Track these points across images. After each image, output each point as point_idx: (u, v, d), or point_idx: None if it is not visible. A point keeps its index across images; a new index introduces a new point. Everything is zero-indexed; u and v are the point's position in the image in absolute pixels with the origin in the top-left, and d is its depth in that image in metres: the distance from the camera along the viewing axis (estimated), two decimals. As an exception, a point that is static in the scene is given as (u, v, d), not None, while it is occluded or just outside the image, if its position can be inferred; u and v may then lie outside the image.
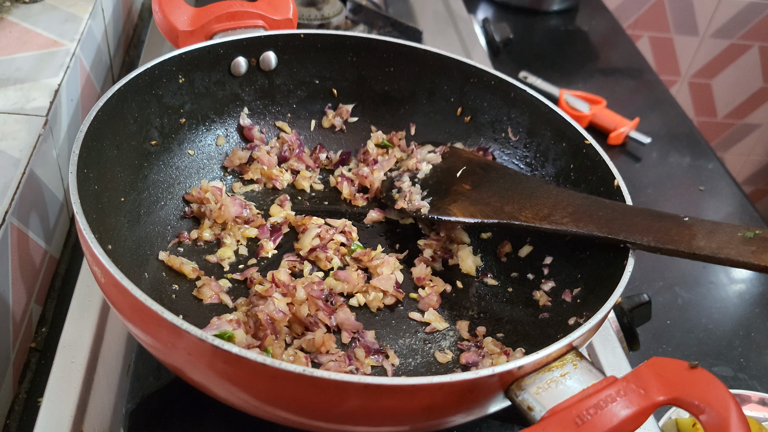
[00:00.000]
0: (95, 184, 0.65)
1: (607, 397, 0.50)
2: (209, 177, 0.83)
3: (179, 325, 0.49)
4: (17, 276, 0.77)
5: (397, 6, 1.44)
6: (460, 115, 0.89)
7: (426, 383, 0.49)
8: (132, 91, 0.73)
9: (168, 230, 0.77)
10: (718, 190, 1.32)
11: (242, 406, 0.56)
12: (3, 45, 0.95)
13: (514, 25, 1.60)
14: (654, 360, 0.52)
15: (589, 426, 0.48)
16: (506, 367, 0.51)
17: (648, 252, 0.65)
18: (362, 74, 0.89)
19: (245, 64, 0.83)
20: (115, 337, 0.74)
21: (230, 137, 0.86)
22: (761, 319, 1.08)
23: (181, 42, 0.82)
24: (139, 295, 0.51)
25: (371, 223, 0.84)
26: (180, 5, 0.82)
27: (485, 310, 0.76)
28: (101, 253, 0.54)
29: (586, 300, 0.69)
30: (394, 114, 0.92)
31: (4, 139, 0.81)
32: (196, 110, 0.82)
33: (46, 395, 0.67)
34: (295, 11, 0.88)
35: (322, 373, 0.48)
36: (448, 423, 0.56)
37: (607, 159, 0.76)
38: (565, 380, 0.53)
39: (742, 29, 2.29)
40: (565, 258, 0.75)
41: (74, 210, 0.57)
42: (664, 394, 0.50)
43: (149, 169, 0.77)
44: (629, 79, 1.62)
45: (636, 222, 0.67)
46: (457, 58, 0.86)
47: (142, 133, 0.75)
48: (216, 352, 0.49)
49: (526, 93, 0.83)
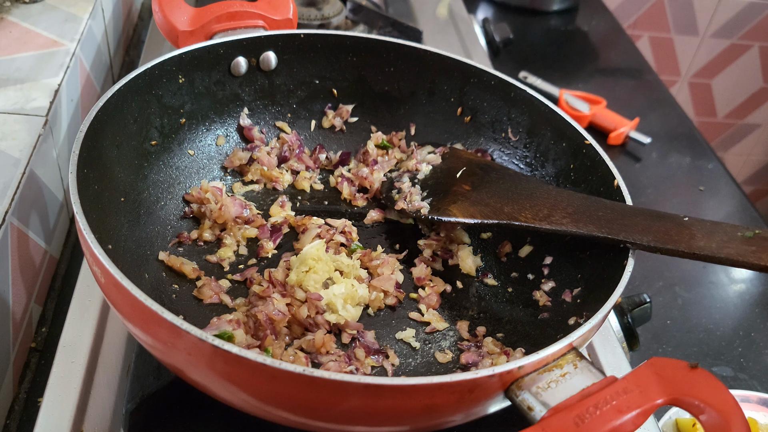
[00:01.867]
0: (95, 184, 0.65)
1: (607, 397, 0.50)
2: (209, 177, 0.83)
3: (179, 325, 0.49)
4: (17, 276, 0.77)
5: (397, 6, 1.44)
6: (460, 115, 0.89)
7: (426, 383, 0.49)
8: (132, 91, 0.73)
9: (168, 230, 0.77)
10: (718, 190, 1.32)
11: (242, 406, 0.56)
12: (3, 45, 0.95)
13: (514, 25, 1.60)
14: (654, 360, 0.52)
15: (588, 426, 0.48)
16: (506, 367, 0.51)
17: (648, 252, 0.65)
18: (362, 74, 0.89)
19: (245, 64, 0.83)
20: (115, 337, 0.74)
21: (230, 137, 0.86)
22: (761, 319, 1.08)
23: (181, 42, 0.82)
24: (139, 295, 0.51)
25: (371, 224, 0.84)
26: (180, 5, 0.82)
27: (485, 310, 0.76)
28: (101, 253, 0.54)
29: (586, 300, 0.69)
30: (394, 114, 0.92)
31: (4, 139, 0.81)
32: (196, 110, 0.82)
33: (46, 395, 0.67)
34: (295, 11, 0.88)
35: (322, 373, 0.48)
36: (448, 423, 0.56)
37: (607, 159, 0.76)
38: (565, 380, 0.53)
39: (742, 29, 2.29)
40: (565, 258, 0.75)
41: (74, 210, 0.57)
42: (664, 394, 0.50)
43: (149, 169, 0.77)
44: (629, 79, 1.62)
45: (636, 222, 0.67)
46: (457, 58, 0.86)
47: (142, 133, 0.75)
48: (216, 352, 0.49)
49: (526, 93, 0.83)
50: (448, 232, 0.83)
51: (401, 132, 0.91)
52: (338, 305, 0.70)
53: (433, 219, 0.78)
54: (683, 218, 0.66)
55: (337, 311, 0.70)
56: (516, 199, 0.76)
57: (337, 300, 0.70)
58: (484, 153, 0.88)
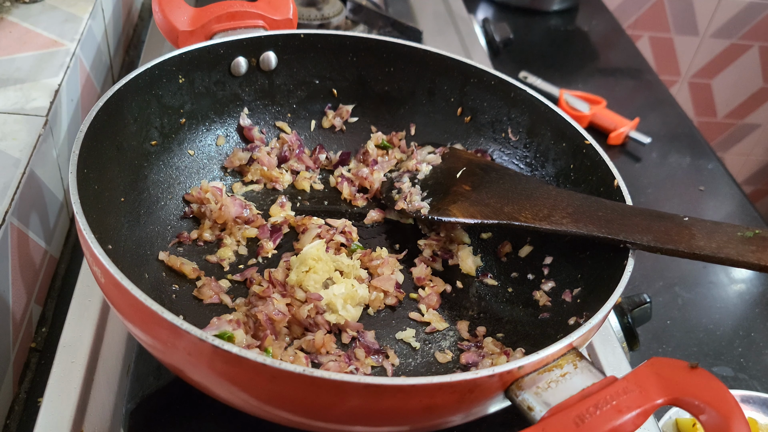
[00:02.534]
0: (95, 184, 0.65)
1: (607, 397, 0.50)
2: (209, 177, 0.83)
3: (179, 325, 0.49)
4: (17, 276, 0.77)
5: (397, 6, 1.44)
6: (460, 115, 0.89)
7: (426, 383, 0.49)
8: (132, 91, 0.73)
9: (168, 230, 0.77)
10: (718, 190, 1.32)
11: (242, 406, 0.56)
12: (3, 45, 0.95)
13: (514, 25, 1.60)
14: (654, 360, 0.52)
15: (589, 426, 0.48)
16: (506, 367, 0.51)
17: (648, 252, 0.65)
18: (362, 74, 0.89)
19: (245, 64, 0.83)
20: (115, 337, 0.74)
21: (230, 137, 0.86)
22: (761, 319, 1.08)
23: (181, 42, 0.82)
24: (140, 295, 0.51)
25: (371, 224, 0.84)
26: (180, 5, 0.82)
27: (485, 310, 0.76)
28: (101, 253, 0.54)
29: (586, 300, 0.69)
30: (394, 114, 0.92)
31: (4, 139, 0.81)
32: (196, 110, 0.82)
33: (46, 395, 0.67)
34: (295, 11, 0.88)
35: (322, 373, 0.48)
36: (448, 423, 0.56)
37: (606, 159, 0.76)
38: (565, 380, 0.53)
39: (742, 29, 2.29)
40: (565, 258, 0.75)
41: (74, 210, 0.57)
42: (665, 394, 0.50)
43: (149, 169, 0.77)
44: (629, 79, 1.62)
45: (635, 222, 0.67)
46: (457, 58, 0.86)
47: (142, 133, 0.75)
48: (216, 352, 0.49)
49: (526, 93, 0.84)
50: (448, 232, 0.83)
51: (401, 132, 0.91)
52: (338, 305, 0.70)
53: (433, 219, 0.78)
54: (683, 218, 0.66)
55: (337, 311, 0.70)
56: (516, 200, 0.76)
57: (337, 300, 0.70)
58: (484, 153, 0.88)
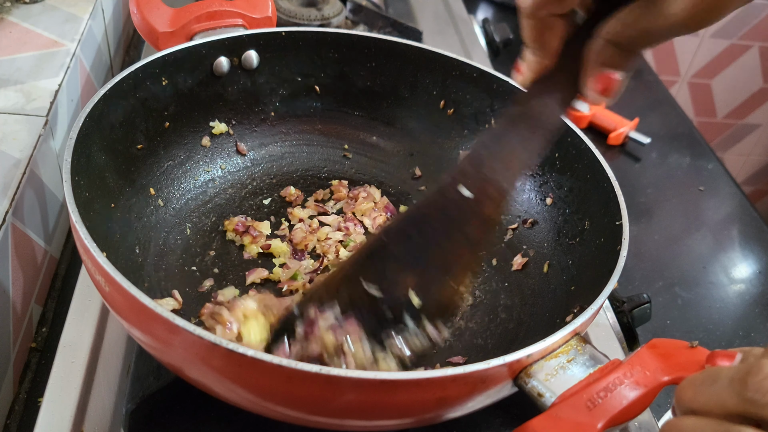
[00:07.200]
0: (86, 191, 0.65)
1: (615, 379, 0.52)
2: (197, 179, 0.83)
3: (181, 325, 0.49)
4: (17, 276, 0.77)
5: (397, 6, 1.44)
6: (443, 108, 0.89)
7: (440, 376, 0.50)
8: (117, 95, 0.72)
9: (160, 236, 0.77)
10: (717, 190, 1.32)
11: (248, 405, 0.55)
12: (3, 45, 0.95)
13: (514, 25, 1.59)
14: (654, 341, 0.54)
15: (600, 408, 0.50)
16: (515, 356, 0.53)
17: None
18: (344, 70, 0.89)
19: (227, 63, 0.83)
20: (115, 338, 0.74)
21: (215, 139, 0.86)
22: (761, 319, 1.08)
23: (161, 44, 0.81)
24: (146, 299, 0.51)
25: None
26: (159, 6, 0.82)
27: (483, 300, 0.77)
28: (106, 263, 0.53)
29: (582, 286, 0.70)
30: (378, 109, 0.92)
31: (4, 140, 0.81)
32: (180, 112, 0.81)
33: (46, 395, 0.67)
34: (274, 9, 0.88)
35: (339, 372, 0.49)
36: (458, 412, 0.57)
37: (591, 145, 0.75)
38: (571, 365, 0.54)
39: (742, 29, 2.29)
40: (555, 245, 0.77)
41: (73, 219, 0.57)
42: (668, 373, 0.52)
43: (137, 174, 0.76)
44: (629, 79, 1.62)
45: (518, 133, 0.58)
46: (437, 51, 0.86)
47: (129, 137, 0.75)
48: (231, 355, 0.49)
49: (508, 84, 0.84)
50: None
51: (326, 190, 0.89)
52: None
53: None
54: None
55: None
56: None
57: None
58: None
